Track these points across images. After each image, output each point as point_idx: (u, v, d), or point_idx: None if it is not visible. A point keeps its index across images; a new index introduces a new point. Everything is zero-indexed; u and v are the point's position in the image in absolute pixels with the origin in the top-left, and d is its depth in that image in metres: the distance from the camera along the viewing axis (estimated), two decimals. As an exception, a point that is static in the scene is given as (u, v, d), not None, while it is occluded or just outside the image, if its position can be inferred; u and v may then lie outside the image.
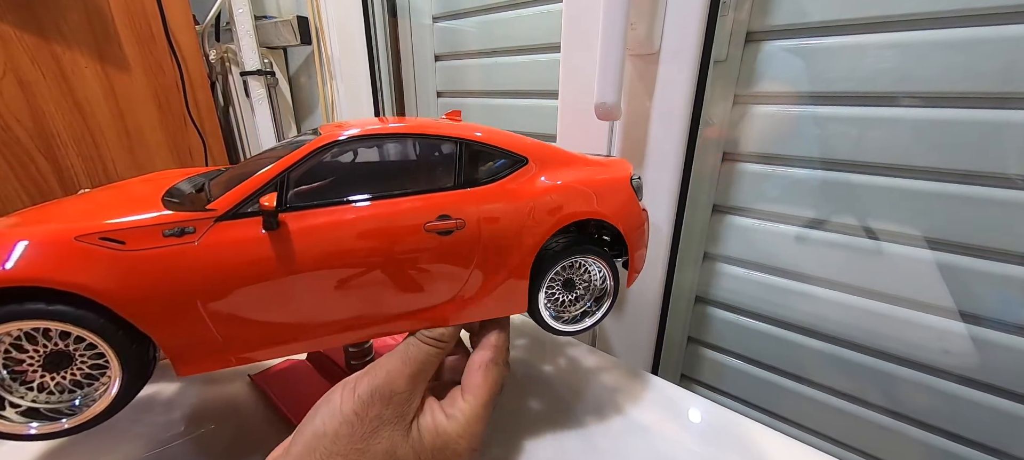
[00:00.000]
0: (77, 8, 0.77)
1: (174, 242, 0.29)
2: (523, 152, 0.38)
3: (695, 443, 0.43)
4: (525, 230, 0.36)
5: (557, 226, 0.37)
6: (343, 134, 0.33)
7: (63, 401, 0.31)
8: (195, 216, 0.29)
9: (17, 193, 0.74)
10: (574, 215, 0.37)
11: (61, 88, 0.77)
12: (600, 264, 0.40)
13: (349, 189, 0.33)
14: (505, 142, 0.37)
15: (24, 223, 0.29)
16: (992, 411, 0.51)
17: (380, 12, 0.92)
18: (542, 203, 0.36)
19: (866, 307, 0.55)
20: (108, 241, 0.27)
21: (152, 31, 0.87)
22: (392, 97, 0.98)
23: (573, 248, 0.38)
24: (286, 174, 0.31)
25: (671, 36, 0.51)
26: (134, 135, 0.88)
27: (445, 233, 0.34)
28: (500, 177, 0.36)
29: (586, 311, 0.42)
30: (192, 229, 0.29)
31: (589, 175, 0.39)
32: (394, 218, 0.33)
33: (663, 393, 0.50)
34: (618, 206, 0.39)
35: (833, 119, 0.52)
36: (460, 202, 0.34)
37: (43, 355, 0.29)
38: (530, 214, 0.36)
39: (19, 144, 0.74)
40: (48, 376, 0.30)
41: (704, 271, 0.67)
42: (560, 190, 0.37)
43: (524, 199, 0.36)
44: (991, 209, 0.46)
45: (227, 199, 0.30)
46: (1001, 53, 0.43)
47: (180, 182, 0.37)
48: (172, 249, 0.28)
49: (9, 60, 0.71)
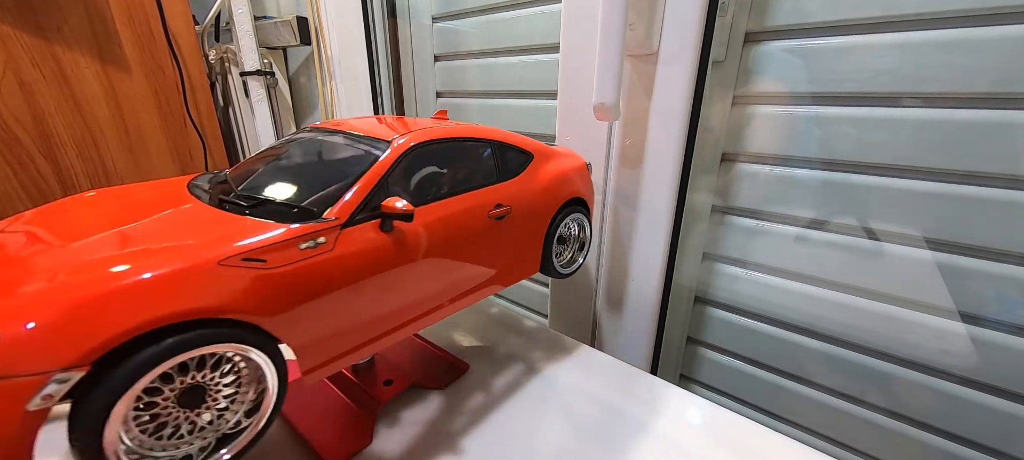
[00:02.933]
0: (77, 9, 0.77)
1: (311, 254, 0.31)
2: (528, 149, 0.50)
3: (694, 443, 0.43)
4: (544, 209, 0.49)
5: (560, 204, 0.51)
6: (412, 142, 0.39)
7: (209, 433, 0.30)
8: (323, 226, 0.31)
9: (17, 193, 0.74)
10: (568, 194, 0.52)
11: (61, 88, 0.77)
12: (581, 222, 0.56)
13: (431, 188, 0.39)
14: (518, 141, 0.49)
15: (137, 253, 0.27)
16: (992, 411, 0.50)
17: (380, 12, 0.92)
18: (551, 189, 0.50)
19: (866, 307, 0.55)
20: (251, 261, 0.28)
21: (152, 31, 0.87)
22: (392, 97, 0.98)
23: (566, 215, 0.52)
24: (385, 180, 0.36)
25: (670, 37, 0.51)
26: (134, 135, 0.88)
27: (499, 218, 0.44)
28: (522, 170, 0.48)
29: (573, 257, 0.56)
30: (324, 239, 0.31)
31: (567, 164, 0.53)
32: (472, 211, 0.41)
33: (662, 393, 0.50)
34: (586, 185, 0.55)
35: (833, 119, 0.52)
36: (506, 192, 0.45)
37: (179, 393, 0.28)
38: (545, 197, 0.49)
39: (19, 144, 0.74)
40: (187, 413, 0.29)
41: (703, 271, 0.67)
42: (559, 178, 0.51)
43: (541, 186, 0.49)
44: (991, 209, 0.46)
45: (345, 208, 0.33)
46: (1001, 53, 0.42)
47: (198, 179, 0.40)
48: (313, 260, 0.31)
49: (9, 60, 0.71)
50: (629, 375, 0.53)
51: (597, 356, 0.56)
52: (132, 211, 0.33)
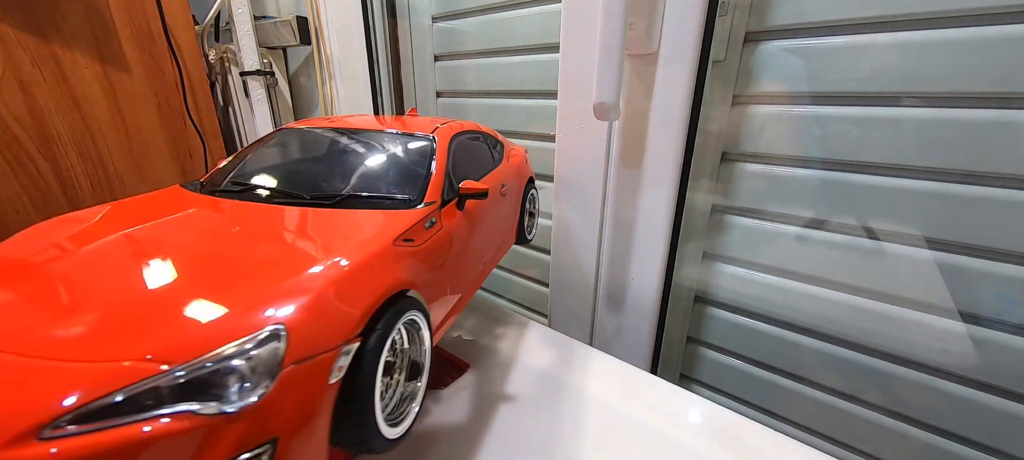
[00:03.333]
0: (77, 8, 0.77)
1: (433, 232, 0.38)
2: (498, 138, 0.63)
3: (694, 443, 0.43)
4: (520, 187, 0.62)
5: (525, 182, 0.64)
6: (450, 134, 0.48)
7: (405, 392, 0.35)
8: (433, 209, 0.39)
9: (17, 193, 0.74)
10: (528, 175, 0.66)
11: (61, 88, 0.77)
12: (534, 197, 0.69)
13: (464, 172, 0.47)
14: (494, 133, 0.63)
15: (340, 247, 0.31)
16: (992, 411, 0.51)
17: (380, 12, 0.92)
18: (520, 170, 0.63)
19: (866, 306, 0.55)
20: (407, 242, 0.34)
21: (152, 31, 0.87)
22: (392, 97, 0.98)
23: (528, 192, 0.66)
24: (449, 167, 0.44)
25: (670, 36, 0.51)
26: (134, 135, 0.88)
27: (503, 195, 0.54)
28: (503, 157, 0.60)
29: (533, 224, 0.70)
30: (434, 220, 0.39)
31: (520, 150, 0.68)
32: (492, 190, 0.47)
33: (662, 392, 0.50)
34: (528, 167, 0.68)
35: (833, 119, 0.52)
36: (502, 174, 0.55)
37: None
38: (519, 177, 0.61)
39: (19, 144, 0.74)
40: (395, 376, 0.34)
41: (703, 270, 0.67)
42: (522, 161, 0.65)
43: (515, 169, 0.61)
44: (991, 209, 0.46)
45: (435, 192, 0.41)
46: (1001, 53, 0.42)
47: None
48: (435, 236, 0.38)
49: (9, 60, 0.71)
50: (629, 375, 0.53)
51: (597, 356, 0.56)
52: (280, 224, 0.37)
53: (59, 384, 0.21)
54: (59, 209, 0.79)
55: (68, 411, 0.20)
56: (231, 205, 0.39)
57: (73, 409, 0.20)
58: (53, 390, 0.21)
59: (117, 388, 0.21)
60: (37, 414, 0.20)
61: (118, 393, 0.21)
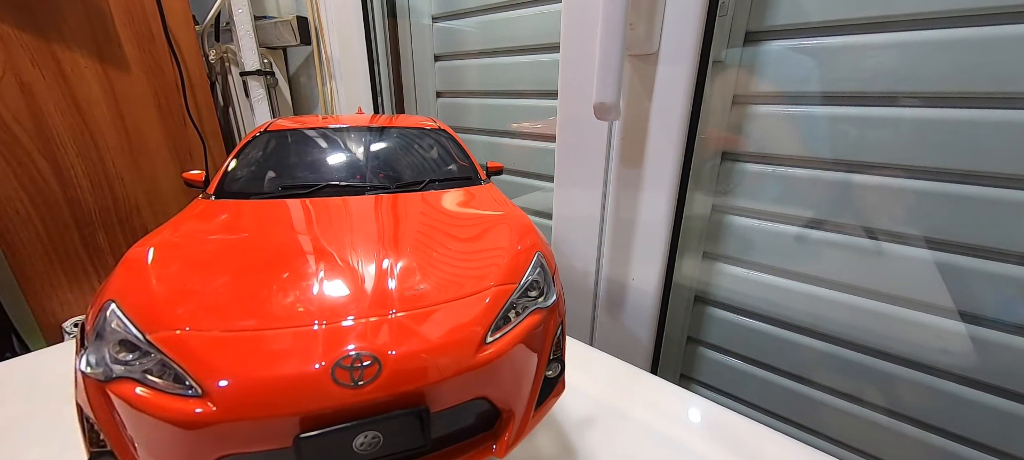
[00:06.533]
0: (77, 8, 0.78)
1: None
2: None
3: (694, 443, 0.43)
4: None
5: None
6: (443, 124, 0.61)
7: None
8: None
9: (17, 193, 0.74)
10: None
11: (61, 88, 0.77)
12: None
13: None
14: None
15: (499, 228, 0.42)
16: (992, 411, 0.51)
17: (380, 12, 0.92)
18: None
19: (866, 306, 0.55)
20: None
21: (152, 31, 0.87)
22: (392, 97, 0.98)
23: None
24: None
25: (670, 36, 0.51)
26: (134, 135, 0.88)
27: None
28: None
29: None
30: None
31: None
32: None
33: (662, 392, 0.50)
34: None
35: (833, 119, 0.52)
36: None
37: None
38: None
39: (19, 144, 0.74)
40: None
41: (703, 270, 0.67)
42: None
43: None
44: (991, 209, 0.46)
45: (480, 170, 0.55)
46: (1001, 53, 0.42)
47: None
48: None
49: (9, 60, 0.71)
50: (629, 375, 0.53)
51: (597, 356, 0.56)
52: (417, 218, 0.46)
53: (474, 314, 0.32)
54: (59, 209, 0.79)
55: (490, 324, 0.32)
56: (338, 202, 0.45)
57: (491, 322, 0.32)
58: (476, 319, 0.32)
59: (503, 303, 0.33)
60: (481, 332, 0.31)
61: (507, 307, 0.33)
